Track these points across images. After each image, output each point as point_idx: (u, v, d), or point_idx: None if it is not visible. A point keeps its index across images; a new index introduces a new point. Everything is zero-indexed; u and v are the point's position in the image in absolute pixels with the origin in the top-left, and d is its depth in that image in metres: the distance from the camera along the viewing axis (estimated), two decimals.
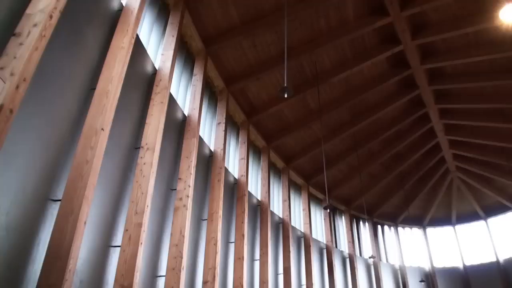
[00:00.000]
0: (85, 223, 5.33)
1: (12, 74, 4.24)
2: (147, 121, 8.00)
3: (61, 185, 5.51)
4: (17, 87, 4.24)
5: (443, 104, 17.24)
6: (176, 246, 8.27)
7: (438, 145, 20.48)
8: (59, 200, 5.32)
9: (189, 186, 8.95)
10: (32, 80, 4.81)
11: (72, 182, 5.36)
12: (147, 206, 7.06)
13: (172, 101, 9.67)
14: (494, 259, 22.96)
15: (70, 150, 5.82)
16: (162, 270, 8.16)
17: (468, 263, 23.88)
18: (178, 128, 9.98)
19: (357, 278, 19.90)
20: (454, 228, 24.94)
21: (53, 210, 5.29)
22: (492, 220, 23.76)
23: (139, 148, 7.71)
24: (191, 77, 11.36)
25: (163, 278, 8.06)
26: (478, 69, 15.00)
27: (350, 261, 20.54)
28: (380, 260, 22.93)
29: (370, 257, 19.58)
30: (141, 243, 6.70)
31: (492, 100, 15.93)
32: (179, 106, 10.20)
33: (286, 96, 7.91)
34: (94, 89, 6.33)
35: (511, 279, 21.98)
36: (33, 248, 4.93)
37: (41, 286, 4.70)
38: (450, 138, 19.72)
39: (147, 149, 7.63)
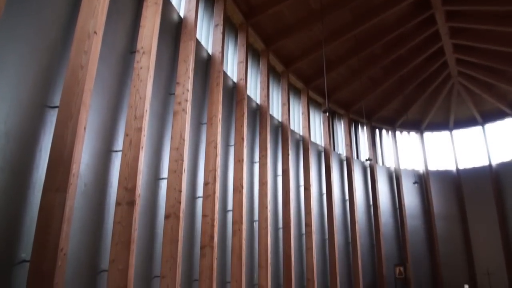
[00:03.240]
0: (84, 128, 5.39)
1: None
2: (141, 23, 7.72)
3: (57, 92, 5.47)
4: None
5: (450, 6, 16.45)
6: (177, 150, 8.46)
7: (442, 49, 19.93)
8: (57, 107, 5.31)
9: (188, 90, 8.90)
10: None
11: (68, 88, 5.31)
12: (146, 111, 7.09)
13: (166, 2, 9.24)
14: (487, 163, 23.63)
15: (63, 56, 5.68)
16: (164, 172, 8.44)
17: (462, 166, 24.61)
18: (174, 31, 9.65)
19: (353, 179, 20.66)
20: (451, 133, 25.32)
21: (52, 117, 5.32)
22: (489, 125, 24.02)
23: (135, 52, 7.53)
24: None
25: (165, 180, 8.36)
26: None
27: (347, 163, 21.15)
28: (377, 163, 23.62)
29: (366, 160, 20.18)
30: (142, 147, 6.85)
31: (503, 2, 15.17)
32: (174, 8, 9.76)
33: None
34: None
35: (501, 181, 22.82)
36: (36, 154, 5.04)
37: (47, 190, 4.89)
38: (454, 42, 19.14)
39: (143, 53, 7.46)
